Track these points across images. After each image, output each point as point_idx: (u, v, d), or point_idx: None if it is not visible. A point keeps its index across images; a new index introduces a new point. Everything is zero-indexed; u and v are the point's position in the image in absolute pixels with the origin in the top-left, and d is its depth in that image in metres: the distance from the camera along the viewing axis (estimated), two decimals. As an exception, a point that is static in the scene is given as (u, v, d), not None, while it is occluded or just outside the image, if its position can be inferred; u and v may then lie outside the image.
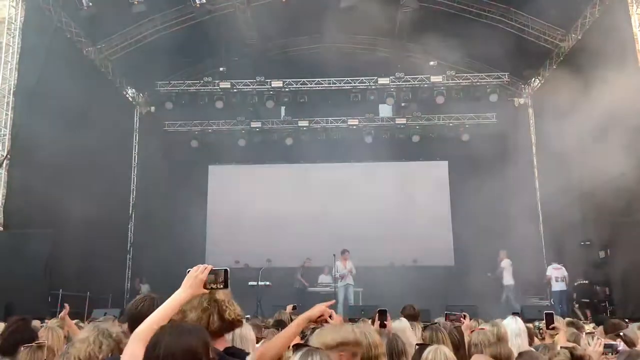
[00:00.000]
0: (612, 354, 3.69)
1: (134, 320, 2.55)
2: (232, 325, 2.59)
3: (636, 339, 4.69)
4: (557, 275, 13.21)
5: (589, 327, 6.67)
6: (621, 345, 3.95)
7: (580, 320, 9.11)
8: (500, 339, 3.99)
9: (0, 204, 11.36)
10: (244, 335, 2.96)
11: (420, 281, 15.22)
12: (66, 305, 6.23)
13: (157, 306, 2.55)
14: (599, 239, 12.71)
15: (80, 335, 3.05)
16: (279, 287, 15.16)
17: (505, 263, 14.83)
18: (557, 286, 13.15)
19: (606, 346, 3.78)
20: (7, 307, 9.87)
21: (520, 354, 3.56)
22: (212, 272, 2.32)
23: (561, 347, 3.80)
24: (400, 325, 4.44)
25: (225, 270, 2.36)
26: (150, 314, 2.32)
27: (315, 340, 2.44)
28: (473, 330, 4.13)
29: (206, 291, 2.34)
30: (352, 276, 14.38)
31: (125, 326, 3.03)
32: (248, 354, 2.63)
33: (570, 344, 4.26)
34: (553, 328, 4.85)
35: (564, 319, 6.68)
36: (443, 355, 3.12)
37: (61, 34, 13.42)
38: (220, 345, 2.53)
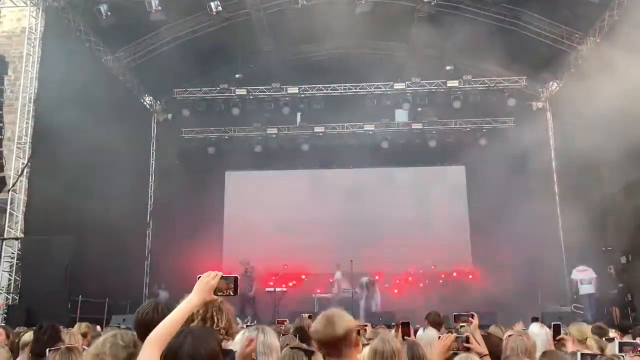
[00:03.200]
0: (632, 353, 3.59)
1: (142, 328, 2.61)
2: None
3: None
4: (582, 277, 12.71)
5: (612, 333, 6.52)
6: None
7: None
8: (534, 347, 3.96)
9: (22, 211, 11.53)
10: (268, 343, 2.96)
11: (438, 287, 15.10)
12: None
13: (162, 311, 2.67)
14: (621, 244, 12.50)
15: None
16: (295, 293, 15.17)
17: (338, 275, 15.22)
18: (585, 289, 12.66)
19: (626, 344, 3.69)
20: (27, 312, 10.01)
21: (544, 353, 3.51)
22: (222, 278, 2.37)
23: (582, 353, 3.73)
24: (427, 335, 4.36)
25: (235, 278, 2.42)
26: (156, 319, 2.37)
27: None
28: (512, 335, 4.10)
29: (216, 297, 2.39)
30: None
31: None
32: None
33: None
34: (560, 339, 4.75)
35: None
36: None
37: (80, 43, 13.61)
38: None
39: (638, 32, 11.23)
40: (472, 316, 4.41)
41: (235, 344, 2.83)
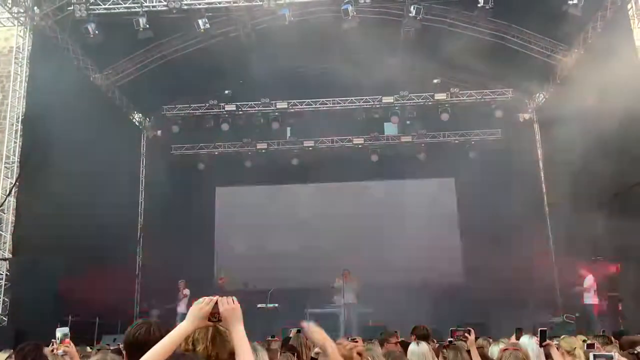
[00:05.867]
0: None
1: (134, 348, 2.54)
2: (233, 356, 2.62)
3: None
4: (591, 286, 12.31)
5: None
6: (616, 356, 3.89)
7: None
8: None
9: (10, 231, 11.43)
10: None
11: (429, 300, 15.06)
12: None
13: (154, 331, 2.58)
14: (610, 253, 12.57)
15: None
16: (286, 309, 15.06)
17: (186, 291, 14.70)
18: (591, 299, 12.31)
19: (599, 357, 3.71)
20: (17, 333, 9.88)
21: None
22: (217, 304, 2.34)
23: None
24: (420, 350, 4.38)
25: None
26: (148, 340, 2.34)
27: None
28: (507, 349, 4.13)
29: (210, 323, 2.36)
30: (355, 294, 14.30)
31: None
32: None
33: None
34: (546, 345, 4.80)
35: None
36: None
37: (68, 61, 13.60)
38: None
39: (619, 43, 11.44)
40: (469, 332, 4.43)
41: None
